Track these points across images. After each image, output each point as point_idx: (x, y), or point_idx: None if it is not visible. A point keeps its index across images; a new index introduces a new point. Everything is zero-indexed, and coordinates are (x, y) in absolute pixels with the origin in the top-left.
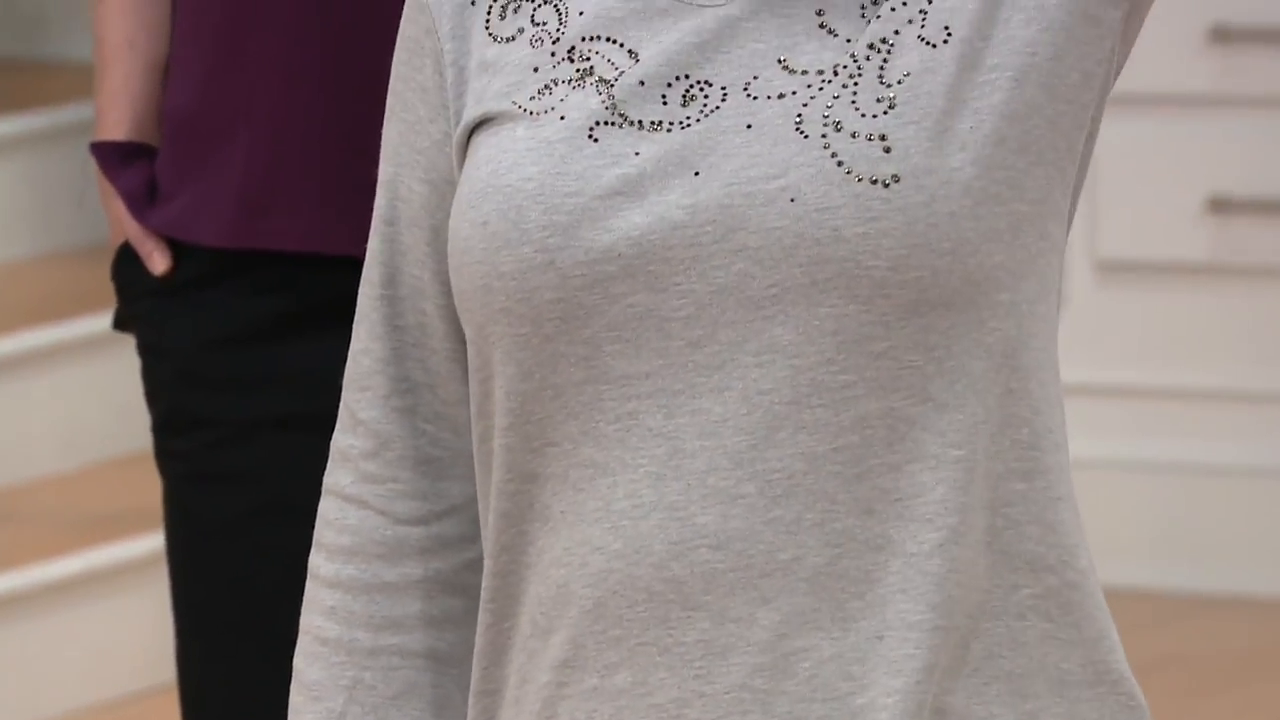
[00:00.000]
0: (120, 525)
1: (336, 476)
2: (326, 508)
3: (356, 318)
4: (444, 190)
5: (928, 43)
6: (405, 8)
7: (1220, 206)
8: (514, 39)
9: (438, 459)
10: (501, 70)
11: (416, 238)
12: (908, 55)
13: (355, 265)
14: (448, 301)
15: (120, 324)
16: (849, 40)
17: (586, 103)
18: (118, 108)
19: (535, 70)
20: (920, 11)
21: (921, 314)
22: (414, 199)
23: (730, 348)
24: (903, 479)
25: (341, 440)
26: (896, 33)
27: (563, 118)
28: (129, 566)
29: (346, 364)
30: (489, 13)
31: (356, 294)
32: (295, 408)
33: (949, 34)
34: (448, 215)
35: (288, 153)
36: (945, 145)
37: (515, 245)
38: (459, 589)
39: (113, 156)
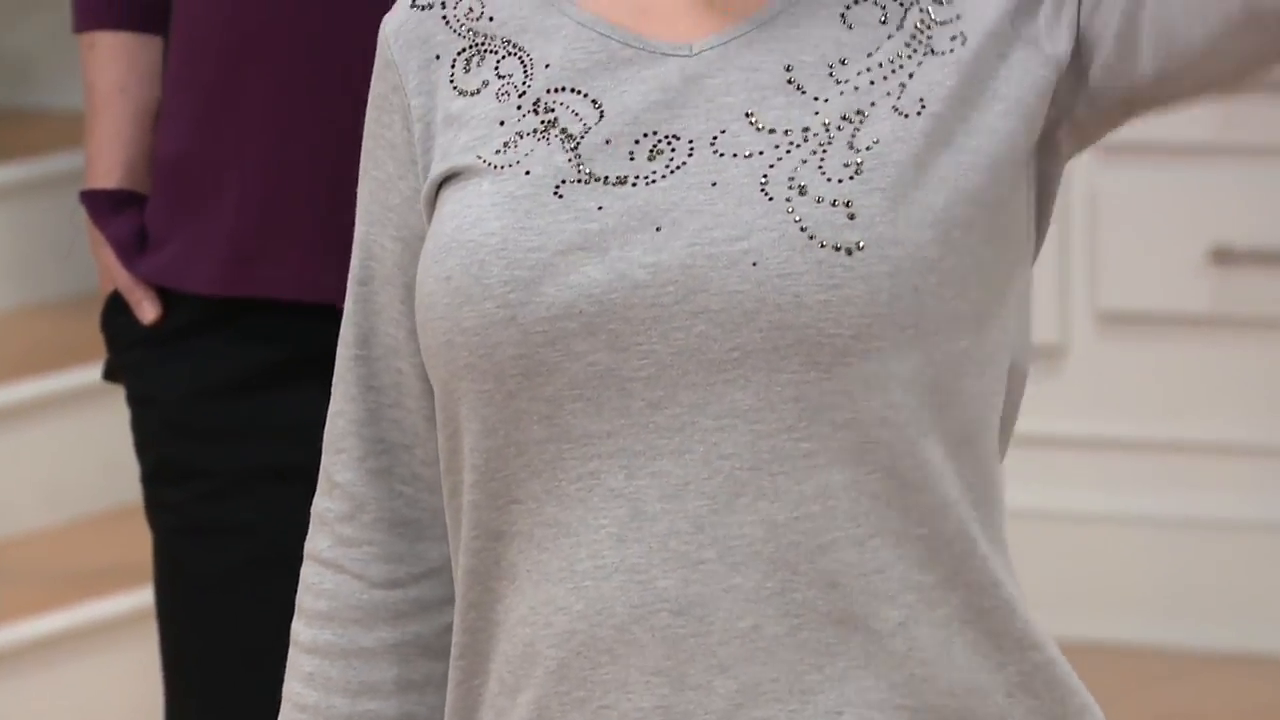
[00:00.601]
0: (108, 581)
1: (315, 541)
2: (306, 572)
3: (334, 379)
4: (416, 247)
5: (900, 113)
6: (376, 64)
7: (1223, 257)
8: (479, 92)
9: (415, 520)
10: (467, 124)
11: (390, 296)
12: (879, 124)
13: None
14: (421, 359)
15: (110, 374)
16: (816, 98)
17: (552, 158)
18: (108, 154)
19: (501, 124)
20: (900, 85)
21: (887, 388)
22: (387, 257)
23: (691, 410)
24: (866, 553)
25: (319, 503)
26: (873, 104)
27: (528, 172)
28: (117, 623)
29: (325, 425)
30: (453, 66)
31: None
32: (288, 458)
33: (923, 106)
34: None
35: (280, 200)
36: (912, 216)
37: (477, 300)
38: (439, 652)
39: (103, 204)
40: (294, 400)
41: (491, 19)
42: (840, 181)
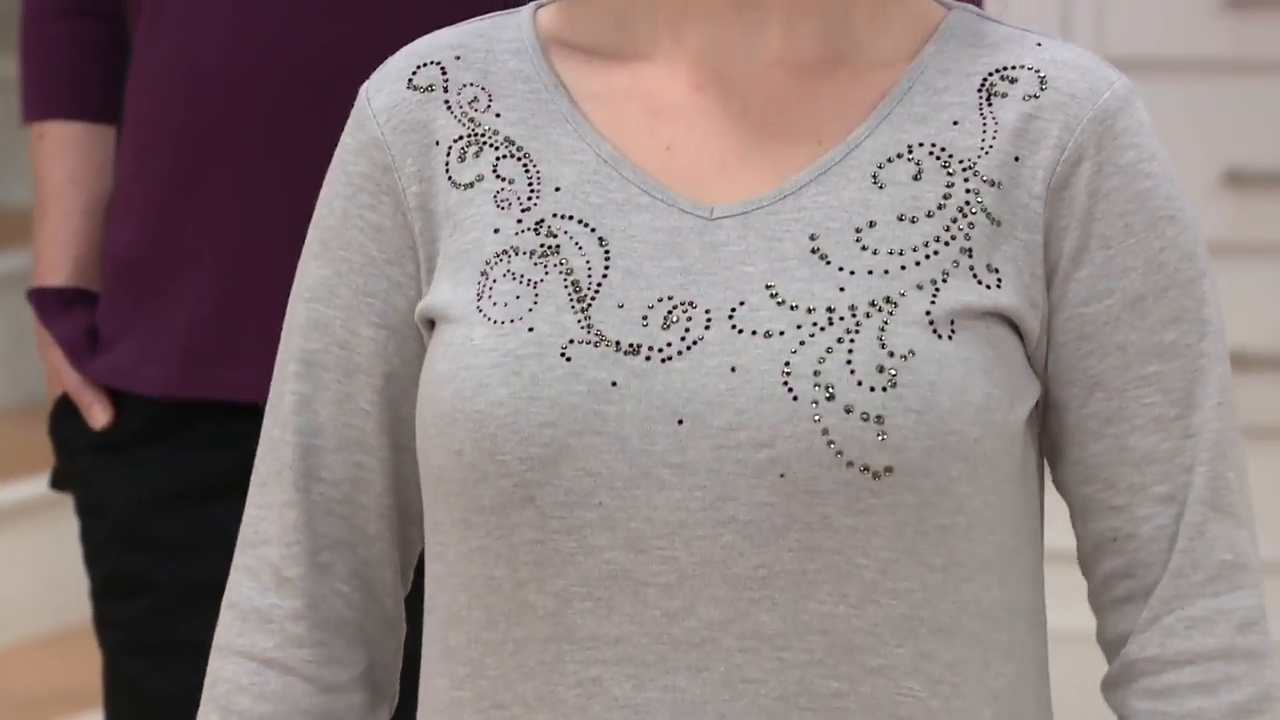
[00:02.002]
0: (55, 707)
1: (255, 638)
2: (237, 672)
3: (270, 467)
4: (404, 334)
5: (933, 324)
6: (348, 141)
7: (1237, 180)
8: (473, 185)
9: (351, 622)
10: (462, 223)
11: (361, 385)
12: (913, 331)
13: None
14: (391, 456)
15: (58, 482)
16: (842, 269)
17: (559, 317)
18: (57, 249)
19: (496, 231)
20: (934, 286)
21: (918, 635)
22: (362, 345)
23: (712, 626)
24: None
25: (260, 599)
26: (903, 295)
27: (531, 329)
28: None
29: (257, 514)
30: (449, 154)
31: None
32: None
33: (954, 330)
34: (405, 362)
35: (238, 296)
36: (946, 448)
37: (494, 479)
38: None
39: (51, 303)
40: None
41: (499, 115)
42: (872, 390)
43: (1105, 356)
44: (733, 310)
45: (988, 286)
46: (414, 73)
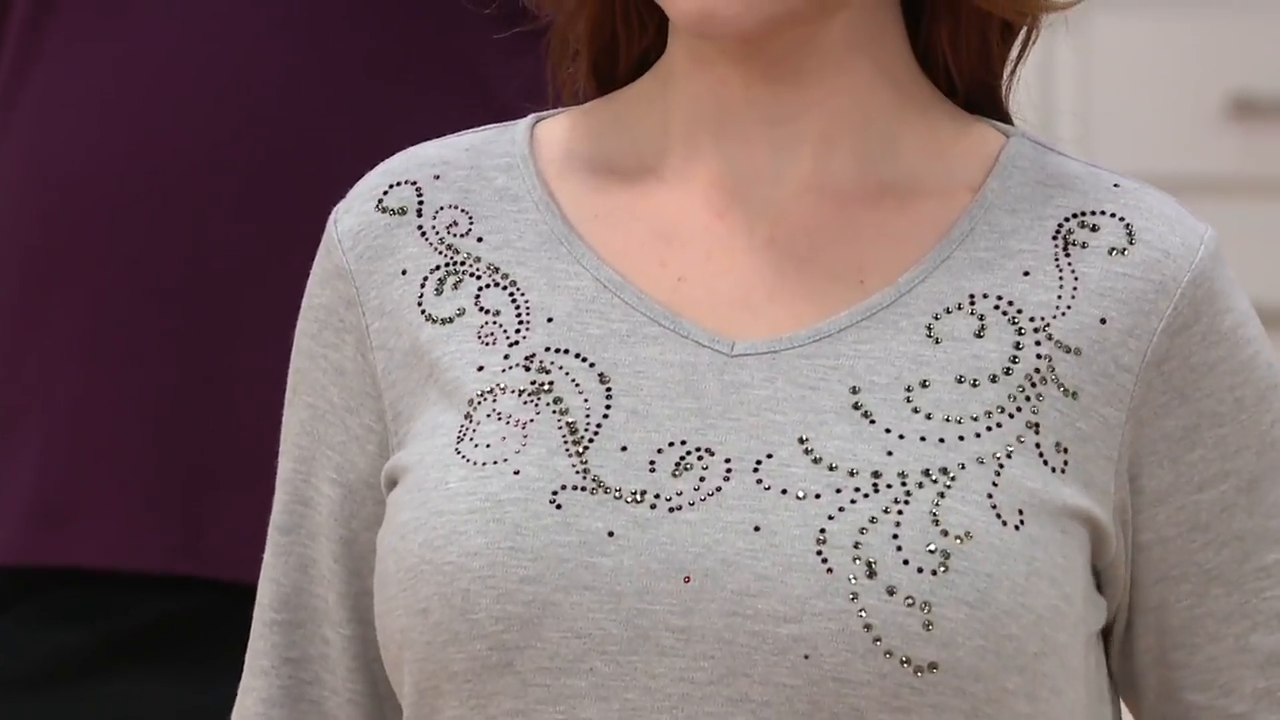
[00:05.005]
0: None
1: None
2: None
3: (248, 647)
4: (362, 495)
5: (997, 511)
6: (316, 269)
7: (1244, 110)
8: (452, 320)
9: None
10: (439, 362)
11: (322, 551)
12: (972, 510)
13: (173, 585)
14: (356, 632)
15: None
16: (889, 430)
17: (551, 460)
18: None
19: (480, 369)
20: (998, 462)
21: None
22: (321, 503)
23: None
24: None
25: None
26: (963, 467)
27: (517, 472)
28: None
29: (235, 705)
30: (423, 285)
31: (174, 621)
32: None
33: (1022, 520)
34: (364, 525)
35: (91, 447)
36: (1002, 654)
37: (465, 640)
38: None
39: None
40: (110, 694)
41: (480, 239)
42: (920, 571)
43: (1223, 547)
44: (759, 463)
45: (1054, 470)
46: (385, 193)
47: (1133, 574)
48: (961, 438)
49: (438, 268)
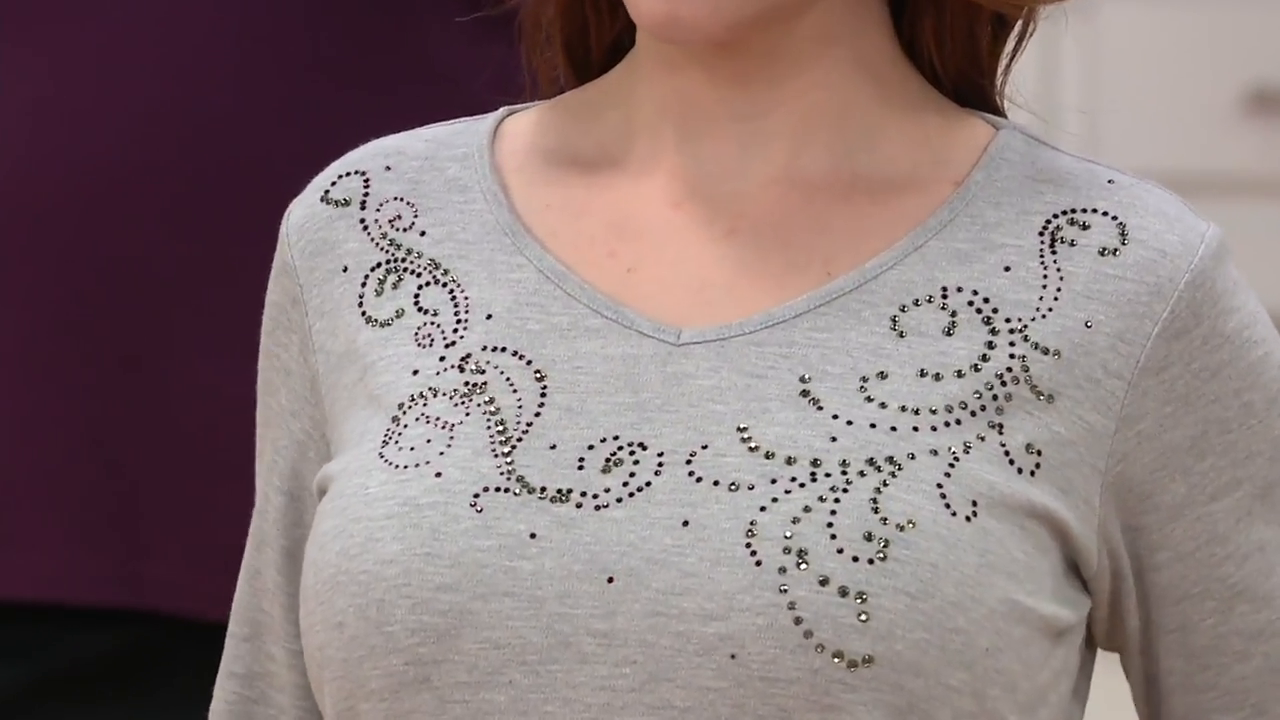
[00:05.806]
0: None
1: None
2: None
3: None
4: (305, 503)
5: (947, 502)
6: (273, 265)
7: (1262, 104)
8: (390, 324)
9: None
10: (374, 366)
11: (267, 560)
12: (918, 499)
13: (109, 618)
14: (300, 647)
15: None
16: (836, 416)
17: (475, 461)
18: None
19: (415, 373)
20: (952, 455)
21: None
22: (269, 511)
23: None
24: None
25: None
26: (912, 458)
27: (439, 475)
28: None
29: None
30: (364, 284)
31: (111, 657)
32: None
33: (974, 510)
34: (306, 535)
35: (19, 472)
36: (946, 648)
37: (381, 655)
38: None
39: None
40: None
41: (423, 233)
42: (856, 560)
43: (1245, 560)
44: (692, 455)
45: (1021, 471)
46: (333, 184)
47: (1152, 598)
48: (916, 429)
49: (378, 265)
